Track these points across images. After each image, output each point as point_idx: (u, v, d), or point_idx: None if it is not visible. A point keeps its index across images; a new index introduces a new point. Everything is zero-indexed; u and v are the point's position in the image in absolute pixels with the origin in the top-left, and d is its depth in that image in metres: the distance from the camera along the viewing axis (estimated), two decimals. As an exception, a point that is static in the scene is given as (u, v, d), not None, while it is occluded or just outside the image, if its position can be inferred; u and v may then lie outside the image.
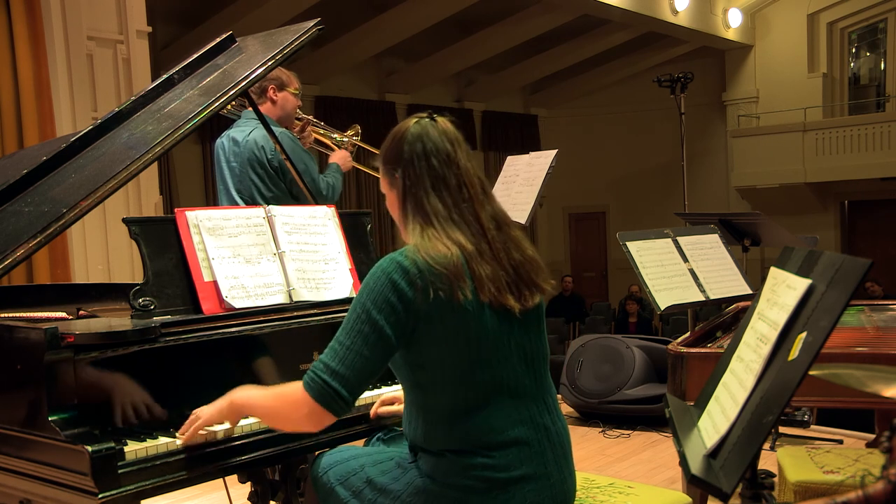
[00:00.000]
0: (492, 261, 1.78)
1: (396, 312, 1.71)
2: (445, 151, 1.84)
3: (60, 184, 2.25)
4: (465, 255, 1.75)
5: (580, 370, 5.04)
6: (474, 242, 1.78)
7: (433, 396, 1.78)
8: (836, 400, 2.61)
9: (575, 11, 11.72)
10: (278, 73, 3.35)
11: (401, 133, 1.87)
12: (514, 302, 1.78)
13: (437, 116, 1.89)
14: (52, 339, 1.78)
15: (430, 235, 1.77)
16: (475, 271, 1.74)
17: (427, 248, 1.75)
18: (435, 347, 1.74)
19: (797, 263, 1.63)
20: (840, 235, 14.66)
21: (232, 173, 3.37)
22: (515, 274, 1.80)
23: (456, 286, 1.71)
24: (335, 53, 11.28)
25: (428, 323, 1.72)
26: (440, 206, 1.80)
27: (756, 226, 4.16)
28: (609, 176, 15.94)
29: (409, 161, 1.84)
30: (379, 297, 1.72)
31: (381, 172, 1.92)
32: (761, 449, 1.41)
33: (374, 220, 2.84)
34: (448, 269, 1.71)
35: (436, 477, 1.78)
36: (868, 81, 15.01)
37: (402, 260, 1.74)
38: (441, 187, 1.81)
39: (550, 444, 1.82)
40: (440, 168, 1.82)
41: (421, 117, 1.89)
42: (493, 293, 1.75)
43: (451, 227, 1.78)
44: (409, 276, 1.71)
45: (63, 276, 4.92)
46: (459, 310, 1.72)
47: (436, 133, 1.85)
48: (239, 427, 1.99)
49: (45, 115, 5.00)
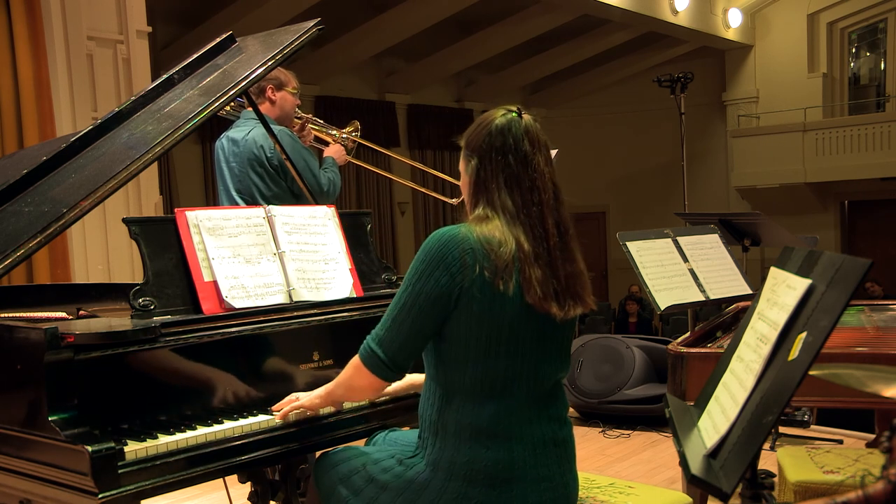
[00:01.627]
0: (546, 267, 1.79)
1: (440, 284, 1.75)
2: (524, 152, 1.84)
3: (60, 184, 2.25)
4: (520, 253, 1.76)
5: (580, 370, 5.04)
6: (533, 245, 1.79)
7: (453, 374, 1.80)
8: (836, 400, 2.61)
9: (575, 11, 11.72)
10: (276, 72, 3.35)
11: (486, 122, 1.88)
12: (558, 310, 1.80)
13: (525, 113, 1.89)
14: (52, 339, 1.78)
15: (492, 225, 1.79)
16: (525, 272, 1.76)
17: (484, 230, 1.78)
18: (465, 323, 1.76)
19: (797, 263, 1.63)
20: (840, 235, 14.67)
21: (232, 173, 3.37)
22: (565, 284, 1.82)
23: (500, 275, 1.73)
24: (335, 53, 11.29)
25: (468, 298, 1.74)
26: (510, 202, 1.81)
27: (756, 226, 4.16)
28: (609, 176, 15.94)
29: (486, 152, 1.85)
30: (427, 269, 1.76)
31: (462, 154, 1.92)
32: (761, 449, 1.41)
33: (374, 220, 2.84)
34: (498, 258, 1.74)
35: (438, 469, 1.79)
36: (868, 81, 15.01)
37: (456, 233, 1.77)
38: (514, 185, 1.83)
39: (556, 450, 1.83)
40: (516, 167, 1.83)
41: (509, 110, 1.88)
42: (539, 297, 1.76)
43: (516, 225, 1.79)
44: (460, 249, 1.75)
45: (63, 276, 4.92)
46: (499, 297, 1.74)
47: (519, 131, 1.85)
48: (239, 427, 1.99)
49: (45, 115, 5.00)
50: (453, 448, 1.78)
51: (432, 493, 1.78)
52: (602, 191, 16.04)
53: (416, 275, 1.79)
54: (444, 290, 1.75)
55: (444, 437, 1.81)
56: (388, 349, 1.82)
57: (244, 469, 2.22)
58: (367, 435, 2.22)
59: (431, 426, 1.84)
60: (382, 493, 1.84)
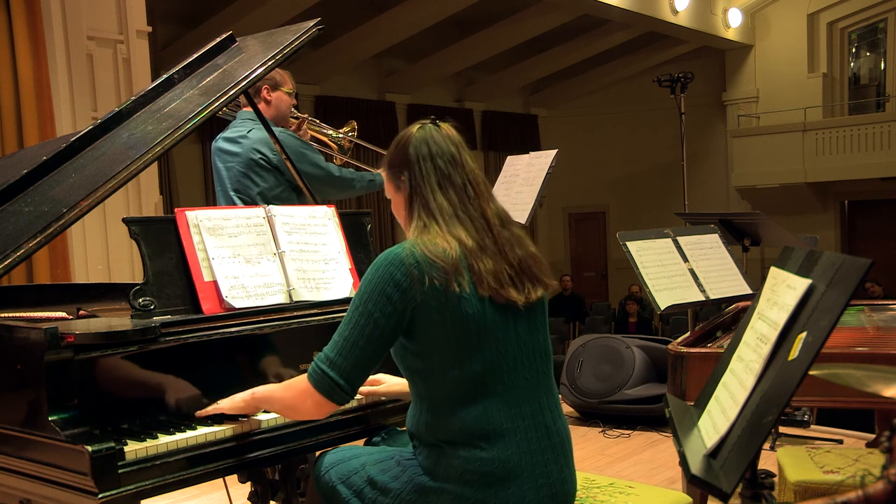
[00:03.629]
0: (495, 255, 1.81)
1: (392, 303, 1.75)
2: (450, 153, 1.89)
3: (60, 184, 2.25)
4: (464, 251, 1.79)
5: (580, 370, 5.04)
6: (477, 238, 1.81)
7: (432, 386, 1.81)
8: (836, 400, 2.61)
9: (575, 11, 11.72)
10: (273, 73, 3.34)
11: (405, 138, 1.92)
12: (518, 294, 1.81)
13: (440, 122, 1.94)
14: (52, 339, 1.78)
15: (432, 232, 1.82)
16: (474, 266, 1.78)
17: (426, 242, 1.80)
18: (432, 335, 1.77)
19: (797, 263, 1.63)
20: (840, 235, 14.66)
21: (230, 174, 3.37)
22: (519, 268, 1.84)
23: (452, 279, 1.75)
24: (335, 53, 11.28)
25: (425, 311, 1.75)
26: (446, 203, 1.84)
27: (756, 226, 4.16)
28: (609, 176, 15.94)
29: (415, 162, 1.88)
30: (376, 290, 1.77)
31: (386, 178, 1.96)
32: (761, 449, 1.41)
33: (374, 220, 2.85)
34: (445, 263, 1.75)
35: (435, 473, 1.79)
36: (868, 81, 15.00)
37: (400, 252, 1.79)
38: (447, 185, 1.86)
39: (550, 443, 1.83)
40: (446, 168, 1.87)
41: (424, 123, 1.94)
42: (494, 287, 1.78)
43: (455, 224, 1.82)
44: (405, 266, 1.76)
45: (63, 276, 4.92)
46: (455, 299, 1.75)
47: (440, 137, 1.91)
48: (239, 426, 1.99)
49: (45, 115, 5.00)
50: (448, 454, 1.78)
51: (430, 495, 1.79)
52: (602, 191, 16.04)
53: (366, 296, 1.79)
54: (396, 307, 1.76)
55: (435, 445, 1.81)
56: (343, 372, 1.79)
57: (244, 469, 2.22)
58: (366, 435, 2.22)
59: (421, 437, 1.85)
60: (381, 493, 1.84)
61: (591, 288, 15.82)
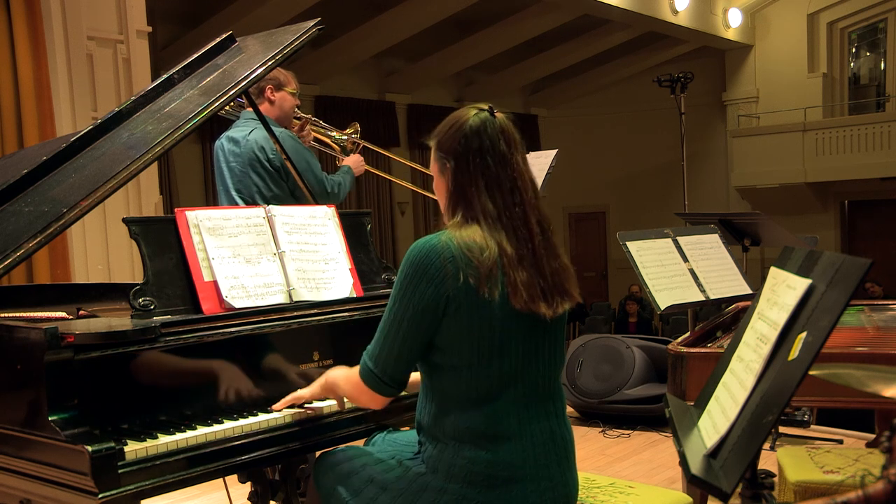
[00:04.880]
0: (531, 267, 1.77)
1: (426, 297, 1.73)
2: (501, 152, 1.81)
3: (60, 184, 2.25)
4: (502, 258, 1.74)
5: (580, 370, 5.04)
6: (517, 247, 1.77)
7: (447, 381, 1.80)
8: (836, 400, 2.61)
9: (575, 11, 11.72)
10: (276, 73, 3.34)
11: (459, 123, 1.83)
12: (547, 309, 1.78)
13: (497, 112, 1.86)
14: (52, 339, 1.78)
15: (472, 230, 1.77)
16: (510, 276, 1.74)
17: (464, 236, 1.75)
18: (456, 332, 1.75)
19: (797, 263, 1.63)
20: (840, 235, 14.66)
21: (232, 174, 3.37)
22: (552, 281, 1.80)
23: (484, 283, 1.72)
24: (335, 53, 11.28)
25: (455, 307, 1.73)
26: (491, 206, 1.78)
27: (756, 226, 4.16)
28: (609, 176, 15.94)
29: (463, 155, 1.81)
30: (411, 282, 1.75)
31: (434, 156, 1.88)
32: (761, 449, 1.41)
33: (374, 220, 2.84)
34: (481, 264, 1.72)
35: (438, 470, 1.79)
36: (868, 81, 15.01)
37: (437, 243, 1.75)
38: (494, 188, 1.79)
39: (554, 447, 1.83)
40: (495, 168, 1.80)
41: (481, 109, 1.85)
42: (526, 300, 1.75)
43: (498, 229, 1.77)
44: (440, 259, 1.73)
45: (63, 276, 4.92)
46: (485, 304, 1.73)
47: (493, 131, 1.82)
48: (239, 426, 1.99)
49: (45, 115, 5.00)
50: (452, 451, 1.78)
51: (432, 495, 1.78)
52: (602, 191, 16.04)
53: (401, 290, 1.78)
54: (430, 302, 1.74)
55: (442, 441, 1.81)
56: (382, 366, 1.82)
57: (244, 469, 2.22)
58: (367, 435, 2.22)
59: (429, 432, 1.84)
60: (382, 493, 1.84)
61: (592, 288, 15.81)
